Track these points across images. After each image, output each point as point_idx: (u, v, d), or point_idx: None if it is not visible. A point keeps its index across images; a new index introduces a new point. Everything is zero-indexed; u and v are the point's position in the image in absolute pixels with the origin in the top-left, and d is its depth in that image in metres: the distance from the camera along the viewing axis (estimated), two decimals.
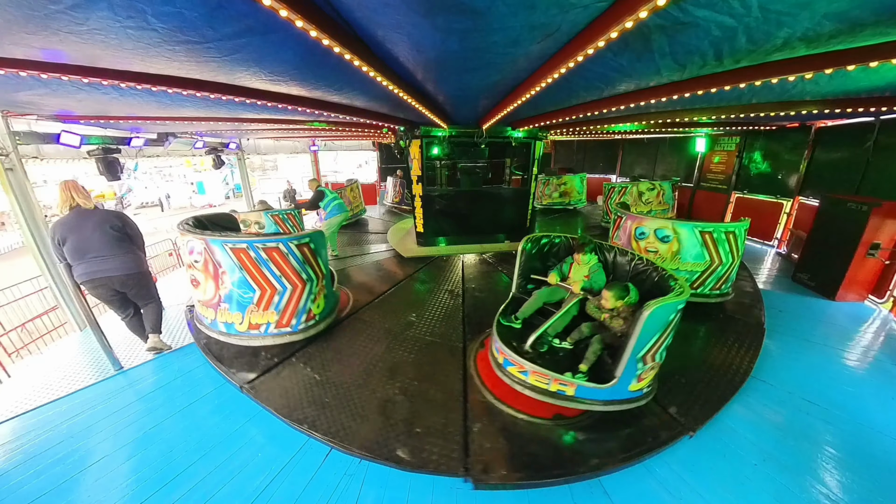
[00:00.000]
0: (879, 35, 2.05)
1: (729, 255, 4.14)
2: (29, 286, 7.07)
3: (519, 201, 7.26)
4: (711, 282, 4.25)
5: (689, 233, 4.16)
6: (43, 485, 2.48)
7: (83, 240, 3.11)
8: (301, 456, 2.66)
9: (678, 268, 4.23)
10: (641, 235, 4.49)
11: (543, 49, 2.35)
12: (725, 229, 4.08)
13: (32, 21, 1.81)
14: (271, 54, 2.42)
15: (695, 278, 4.26)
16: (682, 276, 3.70)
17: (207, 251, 3.26)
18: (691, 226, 4.14)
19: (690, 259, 4.23)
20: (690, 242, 4.17)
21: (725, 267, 4.18)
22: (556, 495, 2.37)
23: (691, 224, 4.14)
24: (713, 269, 4.19)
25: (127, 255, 3.35)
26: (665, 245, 4.28)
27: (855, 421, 2.88)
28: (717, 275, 4.23)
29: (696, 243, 4.15)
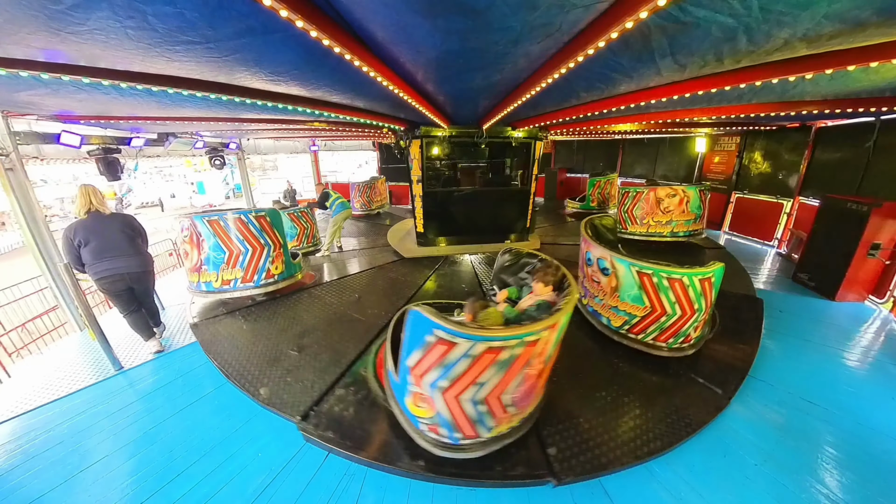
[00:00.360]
0: (880, 35, 2.05)
1: (675, 305, 3.28)
2: (29, 286, 7.07)
3: (519, 201, 7.26)
4: (654, 331, 3.43)
5: (626, 270, 3.48)
6: (43, 485, 2.48)
7: (104, 241, 3.40)
8: (301, 456, 2.66)
9: (617, 306, 3.61)
10: (588, 262, 3.97)
11: (544, 49, 2.35)
12: (670, 275, 3.22)
13: (33, 21, 1.81)
14: (271, 54, 2.42)
15: (633, 322, 3.53)
16: (623, 316, 3.55)
17: (192, 225, 4.33)
18: (628, 263, 3.45)
19: (629, 300, 3.54)
20: (627, 281, 3.48)
21: (672, 319, 3.32)
22: (556, 495, 2.37)
23: (628, 261, 3.45)
24: (654, 317, 3.38)
25: (139, 254, 3.73)
26: (605, 278, 3.68)
27: (855, 421, 2.88)
28: (660, 325, 3.39)
29: (633, 284, 3.44)
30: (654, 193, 6.53)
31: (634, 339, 3.56)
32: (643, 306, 3.43)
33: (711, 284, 3.30)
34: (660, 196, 6.52)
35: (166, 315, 5.06)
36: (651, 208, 6.60)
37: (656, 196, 6.54)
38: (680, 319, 3.33)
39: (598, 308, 3.88)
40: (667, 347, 3.44)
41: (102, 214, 3.45)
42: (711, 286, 3.31)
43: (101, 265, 3.41)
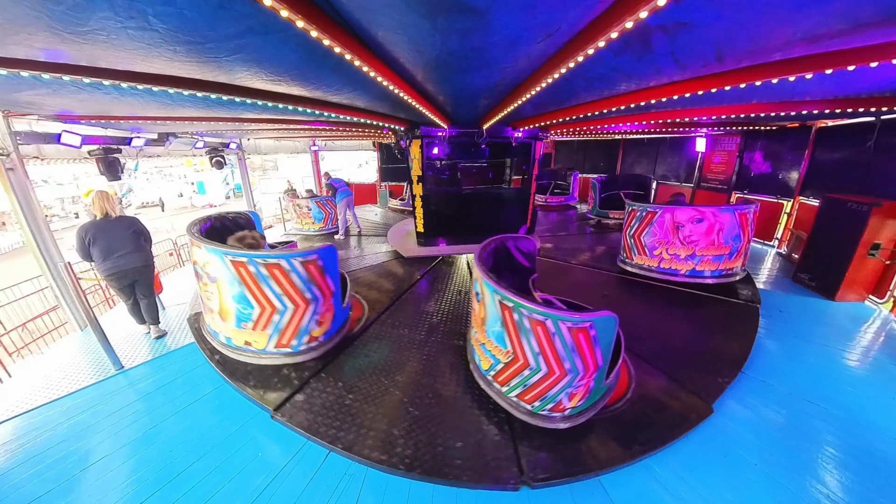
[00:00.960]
0: (880, 35, 2.05)
1: (539, 358, 2.42)
2: (29, 286, 7.08)
3: (519, 201, 7.26)
4: (518, 386, 2.63)
5: (490, 297, 2.67)
6: (43, 484, 2.49)
7: (112, 241, 3.79)
8: (301, 456, 2.67)
9: (484, 343, 2.87)
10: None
11: (544, 49, 2.35)
12: (531, 313, 2.37)
13: (34, 21, 1.82)
14: (272, 54, 2.42)
15: (498, 369, 2.76)
16: (489, 358, 2.81)
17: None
18: (493, 288, 2.61)
19: (493, 338, 2.73)
20: (492, 313, 2.69)
21: (536, 374, 2.48)
22: (556, 495, 2.37)
23: (493, 286, 2.61)
24: (518, 367, 2.58)
25: (142, 251, 4.05)
26: (477, 304, 2.97)
27: (855, 421, 2.88)
28: (523, 381, 2.57)
29: (496, 317, 2.64)
30: (671, 216, 4.81)
31: (499, 392, 2.81)
32: (505, 349, 2.64)
33: (591, 339, 2.31)
34: (679, 220, 4.78)
35: (166, 315, 5.06)
36: (666, 234, 4.91)
37: (674, 220, 4.80)
38: (547, 378, 2.48)
39: (474, 342, 3.15)
40: (530, 411, 2.65)
41: (111, 218, 3.84)
42: (591, 342, 2.31)
43: (108, 263, 3.81)
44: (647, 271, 5.15)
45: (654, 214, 4.98)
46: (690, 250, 4.78)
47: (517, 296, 2.45)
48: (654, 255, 5.03)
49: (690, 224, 4.68)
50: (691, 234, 4.72)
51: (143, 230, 4.09)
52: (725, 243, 4.68)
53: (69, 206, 22.67)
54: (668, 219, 4.85)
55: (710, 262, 4.77)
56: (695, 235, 4.72)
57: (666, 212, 4.86)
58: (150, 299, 4.26)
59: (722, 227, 4.61)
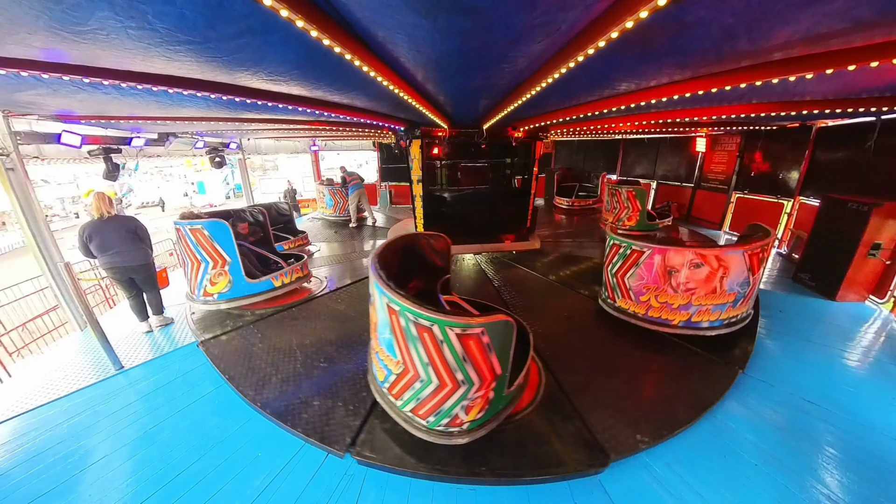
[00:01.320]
0: (881, 35, 2.05)
1: (428, 368, 2.21)
2: (29, 286, 7.08)
3: (520, 201, 7.26)
4: (411, 401, 2.43)
5: (380, 299, 2.41)
6: (43, 484, 2.49)
7: (106, 239, 4.02)
8: (301, 456, 2.66)
9: (377, 352, 2.65)
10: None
11: (544, 49, 2.35)
12: (417, 318, 2.13)
13: (34, 21, 1.82)
14: (272, 54, 2.42)
15: (391, 380, 2.53)
16: (383, 369, 2.59)
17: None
18: (381, 289, 2.35)
19: (384, 346, 2.49)
20: (382, 318, 2.43)
21: (428, 387, 2.28)
22: (556, 495, 2.37)
23: (382, 287, 2.35)
24: (410, 380, 2.35)
25: (137, 251, 4.22)
26: (371, 308, 2.74)
27: (855, 421, 2.88)
28: (415, 394, 2.37)
29: (386, 322, 2.39)
30: (661, 259, 3.73)
31: (393, 405, 2.60)
32: (396, 359, 2.39)
33: (483, 347, 2.13)
34: (672, 264, 3.69)
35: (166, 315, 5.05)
36: (656, 280, 3.83)
37: (665, 263, 3.72)
38: (439, 391, 2.26)
39: (371, 351, 2.92)
40: (426, 427, 2.43)
41: (109, 217, 4.07)
42: (483, 349, 2.14)
43: (104, 259, 4.10)
44: (630, 318, 4.05)
45: (640, 254, 3.86)
46: (685, 299, 3.70)
47: (403, 298, 2.14)
48: (640, 300, 3.95)
49: (686, 269, 3.62)
50: (687, 280, 3.64)
51: (137, 230, 4.23)
52: (730, 290, 3.62)
53: (69, 206, 22.66)
54: (659, 261, 3.75)
55: (710, 313, 3.72)
56: (692, 282, 3.64)
57: (656, 253, 3.75)
58: (153, 293, 4.51)
59: (727, 272, 3.55)
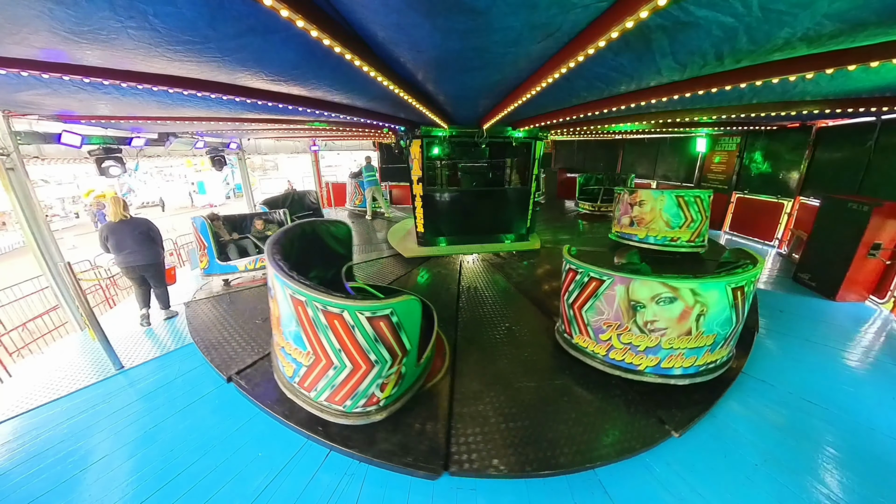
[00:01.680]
0: (880, 35, 2.05)
1: (341, 354, 2.33)
2: (30, 286, 7.08)
3: (520, 201, 7.26)
4: (325, 390, 2.52)
5: (282, 290, 2.40)
6: (44, 484, 2.49)
7: (121, 240, 4.36)
8: (301, 456, 2.66)
9: (283, 347, 2.67)
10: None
11: (544, 49, 2.35)
12: (326, 306, 2.22)
13: (35, 20, 1.82)
14: (272, 54, 2.42)
15: (301, 374, 2.59)
16: (291, 363, 2.61)
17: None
18: (283, 281, 2.35)
19: (291, 339, 2.53)
20: (286, 310, 2.47)
21: (343, 373, 2.39)
22: (556, 495, 2.37)
23: (283, 279, 2.34)
24: (322, 369, 2.46)
25: (149, 250, 4.52)
26: (272, 302, 2.71)
27: (855, 421, 2.88)
28: (329, 382, 2.46)
29: (291, 315, 2.43)
30: (625, 290, 3.01)
31: (307, 399, 2.60)
32: (305, 350, 2.43)
33: (392, 327, 2.27)
34: (638, 298, 2.98)
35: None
36: (618, 316, 3.09)
37: (629, 296, 3.01)
38: (354, 374, 2.37)
39: (275, 347, 2.91)
40: (343, 411, 2.54)
41: (124, 220, 4.39)
42: (393, 329, 2.28)
43: (119, 257, 4.44)
44: (588, 358, 3.34)
45: (599, 283, 3.10)
46: (654, 340, 2.99)
47: (308, 288, 2.17)
48: (600, 339, 3.23)
49: (655, 304, 2.91)
50: (656, 318, 2.93)
51: (150, 231, 4.54)
52: (709, 331, 2.93)
53: (69, 205, 22.66)
54: (621, 293, 3.00)
55: (683, 358, 3.01)
56: (661, 321, 2.92)
57: (618, 283, 3.01)
58: (161, 290, 4.79)
59: (704, 310, 2.86)
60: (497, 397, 3.02)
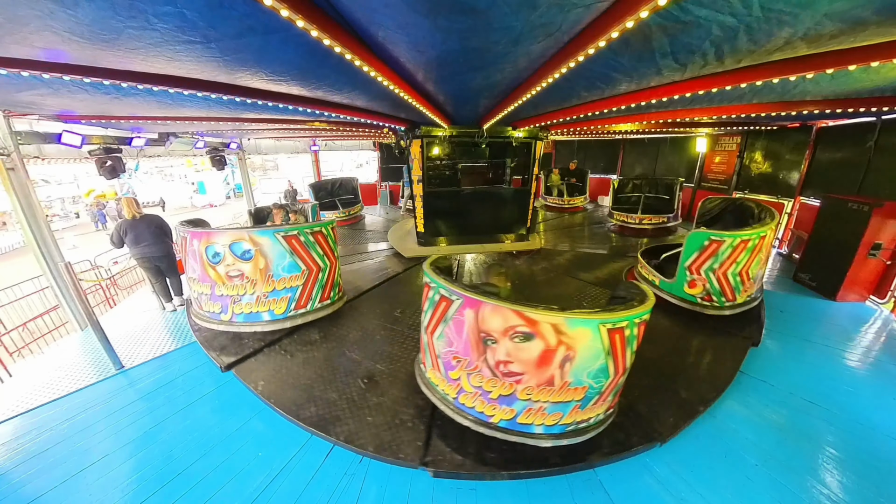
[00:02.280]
0: (881, 35, 2.05)
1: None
2: (30, 286, 7.09)
3: (520, 201, 7.26)
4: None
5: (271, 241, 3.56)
6: (44, 483, 2.49)
7: (139, 234, 4.85)
8: (302, 455, 2.67)
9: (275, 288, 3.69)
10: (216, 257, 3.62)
11: (544, 49, 2.35)
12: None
13: (34, 20, 1.82)
14: (272, 54, 2.42)
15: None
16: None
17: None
18: (271, 233, 3.63)
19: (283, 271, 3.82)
20: (278, 251, 3.63)
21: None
22: (556, 495, 2.37)
23: (271, 231, 3.63)
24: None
25: (162, 243, 5.02)
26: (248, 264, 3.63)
27: (856, 421, 2.88)
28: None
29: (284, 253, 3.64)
30: (474, 315, 2.36)
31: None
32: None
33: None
34: (487, 329, 2.33)
35: (165, 314, 5.08)
36: (467, 349, 2.39)
37: (478, 324, 2.34)
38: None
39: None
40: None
41: (137, 217, 4.88)
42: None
43: (136, 250, 4.88)
44: (437, 398, 2.78)
45: (448, 303, 2.49)
46: (508, 388, 2.39)
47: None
48: (449, 377, 2.63)
49: (508, 341, 2.29)
50: (510, 358, 2.32)
51: (163, 226, 5.10)
52: (576, 383, 2.30)
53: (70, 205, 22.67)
54: (471, 320, 2.39)
55: (545, 414, 2.41)
56: (517, 363, 2.32)
57: (467, 305, 2.39)
58: (174, 278, 5.26)
59: (571, 354, 2.22)
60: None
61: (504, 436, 2.49)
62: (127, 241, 4.84)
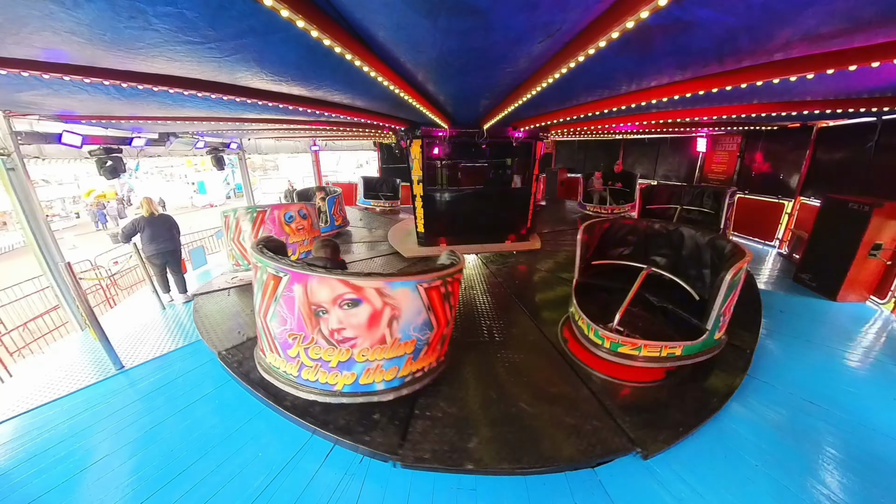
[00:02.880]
0: (881, 35, 2.04)
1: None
2: (30, 286, 7.09)
3: (520, 201, 7.25)
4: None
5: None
6: (44, 484, 2.49)
7: (157, 231, 5.23)
8: (302, 455, 2.67)
9: None
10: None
11: (544, 49, 2.35)
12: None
13: (35, 20, 1.82)
14: (272, 54, 2.42)
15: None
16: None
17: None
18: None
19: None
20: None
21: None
22: (556, 495, 2.37)
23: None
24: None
25: (173, 239, 5.43)
26: None
27: (856, 421, 2.87)
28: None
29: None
30: (303, 290, 2.58)
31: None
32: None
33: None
34: (318, 301, 2.58)
35: (166, 314, 5.08)
36: (301, 325, 2.60)
37: (308, 298, 2.57)
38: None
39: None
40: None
41: (154, 215, 5.28)
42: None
43: (152, 247, 5.21)
44: (281, 381, 2.89)
45: (277, 281, 2.63)
46: (346, 354, 2.64)
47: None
48: (288, 356, 2.78)
49: (339, 309, 2.55)
50: (342, 325, 2.58)
51: (175, 225, 5.55)
52: (405, 338, 2.68)
53: (70, 205, 22.68)
54: (300, 295, 2.56)
55: (383, 370, 2.74)
56: (349, 329, 2.59)
57: (294, 281, 2.57)
58: (178, 275, 5.56)
59: (397, 314, 2.59)
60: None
61: (351, 399, 2.76)
62: (143, 237, 5.18)
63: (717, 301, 3.03)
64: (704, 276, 3.89)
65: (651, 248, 4.49)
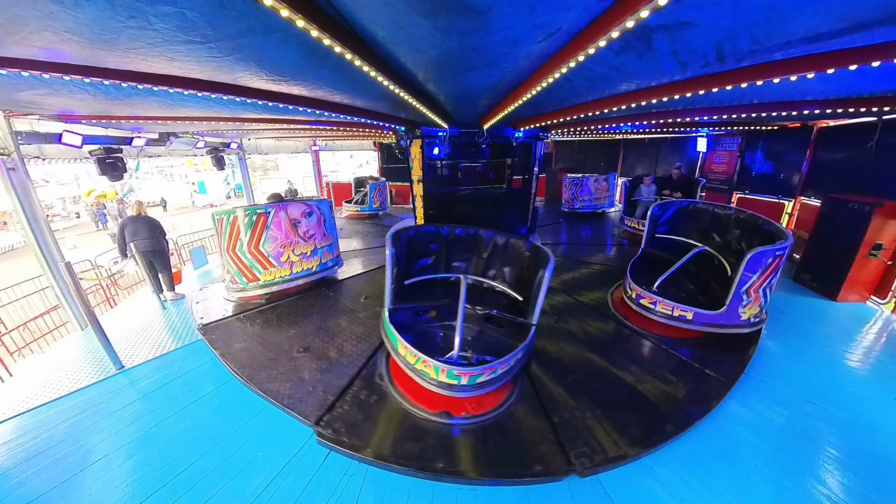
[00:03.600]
0: (882, 34, 2.04)
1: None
2: (30, 285, 7.09)
3: (520, 201, 7.25)
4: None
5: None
6: (44, 484, 2.49)
7: (137, 229, 5.48)
8: (301, 456, 2.66)
9: None
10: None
11: (544, 49, 2.35)
12: None
13: (34, 20, 1.82)
14: (272, 54, 2.42)
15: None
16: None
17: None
18: None
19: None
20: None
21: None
22: (556, 495, 2.37)
23: None
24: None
25: (154, 239, 5.58)
26: None
27: (856, 421, 2.87)
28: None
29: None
30: (285, 213, 4.72)
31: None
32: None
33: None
34: (294, 216, 4.78)
35: (168, 314, 5.08)
36: (287, 235, 4.88)
37: (289, 216, 4.78)
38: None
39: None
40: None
41: (140, 216, 5.59)
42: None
43: (133, 242, 5.40)
44: (276, 285, 4.68)
45: (265, 216, 4.41)
46: (311, 246, 4.81)
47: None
48: (281, 262, 4.60)
49: (304, 219, 4.66)
50: (308, 228, 4.72)
51: (158, 226, 5.74)
52: (332, 233, 5.18)
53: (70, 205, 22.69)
54: (284, 217, 4.52)
55: (328, 253, 5.08)
56: (310, 229, 4.75)
57: (279, 210, 4.49)
58: (166, 273, 5.71)
59: (322, 217, 4.93)
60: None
61: (316, 276, 5.01)
62: (126, 233, 5.43)
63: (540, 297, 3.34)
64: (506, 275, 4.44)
65: (452, 255, 4.68)
